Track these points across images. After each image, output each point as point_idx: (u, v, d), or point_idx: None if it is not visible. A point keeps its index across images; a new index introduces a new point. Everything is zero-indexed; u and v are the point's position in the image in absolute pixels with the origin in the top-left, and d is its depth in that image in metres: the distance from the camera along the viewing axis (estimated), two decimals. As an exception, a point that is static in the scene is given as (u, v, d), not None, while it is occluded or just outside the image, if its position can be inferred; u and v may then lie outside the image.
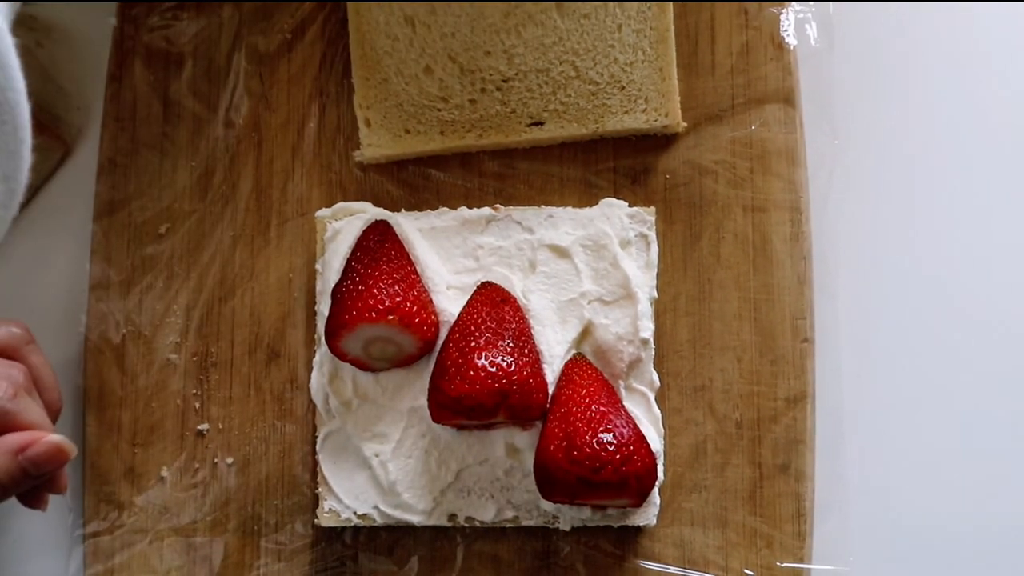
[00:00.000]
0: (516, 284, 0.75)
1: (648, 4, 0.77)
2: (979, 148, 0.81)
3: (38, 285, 0.85)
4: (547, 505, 0.72)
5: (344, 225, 0.76)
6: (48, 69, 0.85)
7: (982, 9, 0.82)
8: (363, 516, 0.75)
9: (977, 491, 0.78)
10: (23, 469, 0.65)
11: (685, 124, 0.79)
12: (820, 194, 0.79)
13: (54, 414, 0.72)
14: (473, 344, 0.69)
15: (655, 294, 0.75)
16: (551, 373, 0.73)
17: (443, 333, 0.74)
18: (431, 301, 0.74)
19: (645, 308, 0.74)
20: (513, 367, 0.69)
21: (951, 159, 0.81)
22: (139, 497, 0.80)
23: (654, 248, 0.75)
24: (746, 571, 0.75)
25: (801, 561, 0.75)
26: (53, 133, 0.84)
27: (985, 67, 0.82)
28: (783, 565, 0.75)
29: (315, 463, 0.77)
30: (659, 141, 0.79)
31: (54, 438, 0.66)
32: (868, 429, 0.78)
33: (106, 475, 0.80)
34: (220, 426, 0.80)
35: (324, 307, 0.75)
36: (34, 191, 0.85)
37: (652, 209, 0.76)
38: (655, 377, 0.74)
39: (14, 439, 0.65)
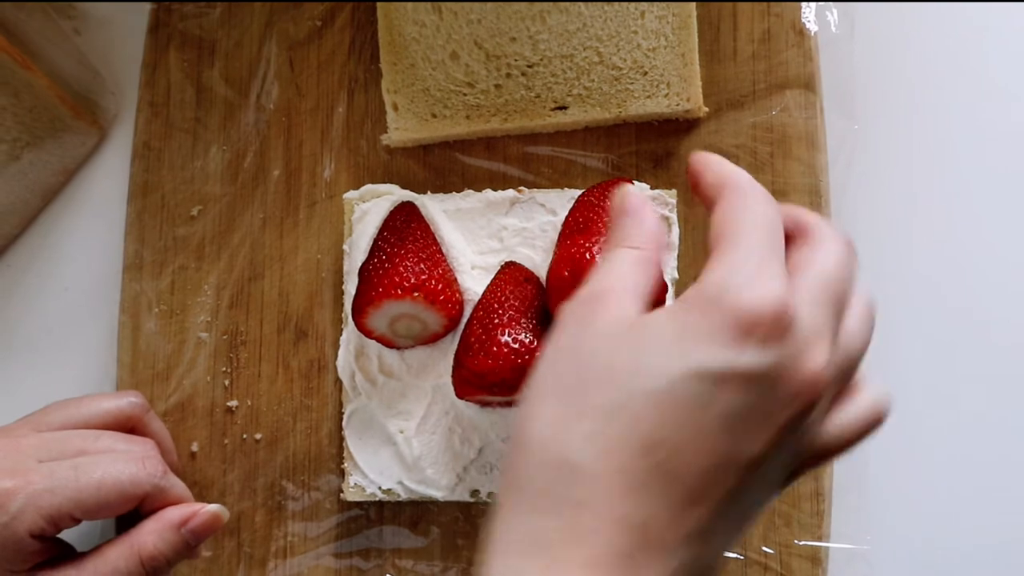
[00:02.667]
0: (539, 264, 0.76)
1: (671, -9, 0.79)
2: (999, 135, 0.81)
3: (74, 265, 0.87)
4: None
5: (371, 207, 0.78)
6: (86, 56, 0.87)
7: (1002, -4, 0.83)
8: (388, 491, 0.76)
9: (997, 472, 0.78)
10: (186, 541, 0.70)
11: (707, 109, 0.80)
12: (839, 179, 0.79)
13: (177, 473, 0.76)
14: (496, 321, 0.70)
15: (676, 275, 0.76)
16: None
17: (467, 312, 0.75)
18: (456, 280, 0.75)
19: (669, 291, 0.75)
20: (536, 344, 0.70)
21: (971, 145, 0.81)
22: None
23: (675, 230, 0.76)
24: (764, 548, 0.75)
25: (819, 540, 0.75)
26: (90, 118, 0.86)
27: (1006, 55, 0.83)
28: (801, 543, 0.75)
29: (341, 439, 0.78)
30: (681, 126, 0.80)
31: (212, 508, 0.71)
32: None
33: (138, 450, 0.82)
34: (249, 403, 0.82)
35: (351, 286, 0.76)
36: (70, 174, 0.88)
37: (673, 192, 0.77)
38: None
39: (176, 513, 0.70)
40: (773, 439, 0.48)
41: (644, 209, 0.56)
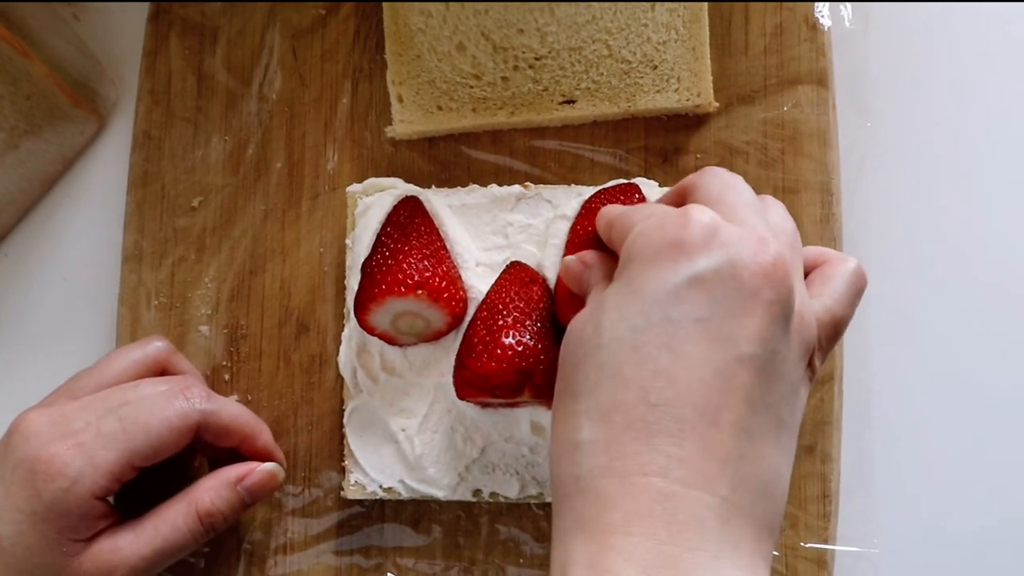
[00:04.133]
0: (544, 262, 0.75)
1: (682, -17, 0.77)
2: (1013, 133, 0.81)
3: (73, 255, 0.86)
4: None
5: (375, 200, 0.77)
6: (85, 43, 0.86)
7: (1020, -8, 0.82)
8: (389, 490, 0.76)
9: (1004, 474, 0.77)
10: (242, 499, 0.71)
11: (717, 104, 0.78)
12: (851, 176, 0.78)
13: None
14: (501, 323, 0.70)
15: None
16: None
17: (471, 310, 0.74)
18: (460, 277, 0.74)
19: None
20: (539, 347, 0.69)
21: (984, 143, 0.81)
22: (169, 466, 0.81)
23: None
24: (770, 552, 0.75)
25: (826, 542, 0.75)
26: (89, 106, 0.84)
27: (1021, 51, 0.81)
28: (808, 546, 0.75)
29: (342, 436, 0.77)
30: (691, 121, 0.79)
31: (267, 467, 0.72)
32: (895, 411, 0.78)
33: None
34: (249, 397, 0.81)
35: (354, 281, 0.75)
36: (69, 163, 0.86)
37: (682, 189, 0.76)
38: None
39: (232, 472, 0.71)
40: (762, 328, 0.50)
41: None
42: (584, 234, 0.71)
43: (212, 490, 0.69)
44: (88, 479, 0.64)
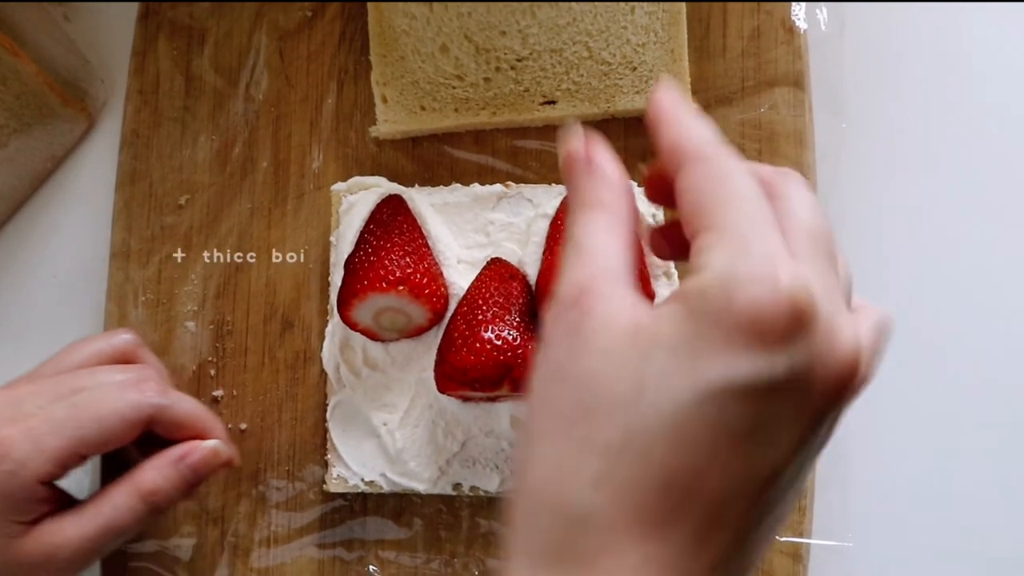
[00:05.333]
0: (525, 260, 0.76)
1: (661, -14, 0.79)
2: (987, 134, 0.82)
3: (61, 252, 0.87)
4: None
5: (359, 199, 0.78)
6: (75, 43, 0.87)
7: (992, -4, 0.83)
8: (370, 483, 0.77)
9: (979, 467, 0.78)
10: (184, 477, 0.70)
11: (696, 106, 0.79)
12: (827, 177, 0.80)
13: None
14: (480, 317, 0.71)
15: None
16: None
17: (452, 306, 0.75)
18: (441, 274, 0.75)
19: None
20: (519, 341, 0.70)
21: (959, 144, 0.82)
22: (154, 460, 0.82)
23: (662, 227, 0.77)
24: (745, 545, 0.76)
25: (801, 536, 0.76)
26: (78, 105, 0.85)
27: (994, 54, 0.83)
28: (783, 539, 0.76)
29: (325, 431, 0.78)
30: (669, 122, 0.80)
31: (209, 443, 0.71)
32: (869, 407, 0.78)
33: (123, 439, 0.82)
34: (235, 393, 0.82)
35: (337, 278, 0.76)
36: (59, 161, 0.87)
37: (661, 189, 0.77)
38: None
39: (174, 451, 0.70)
40: (802, 437, 0.42)
41: (599, 156, 0.49)
42: (563, 229, 0.72)
43: (154, 469, 0.69)
44: (33, 464, 0.64)
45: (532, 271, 0.75)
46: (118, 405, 0.67)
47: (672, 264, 0.75)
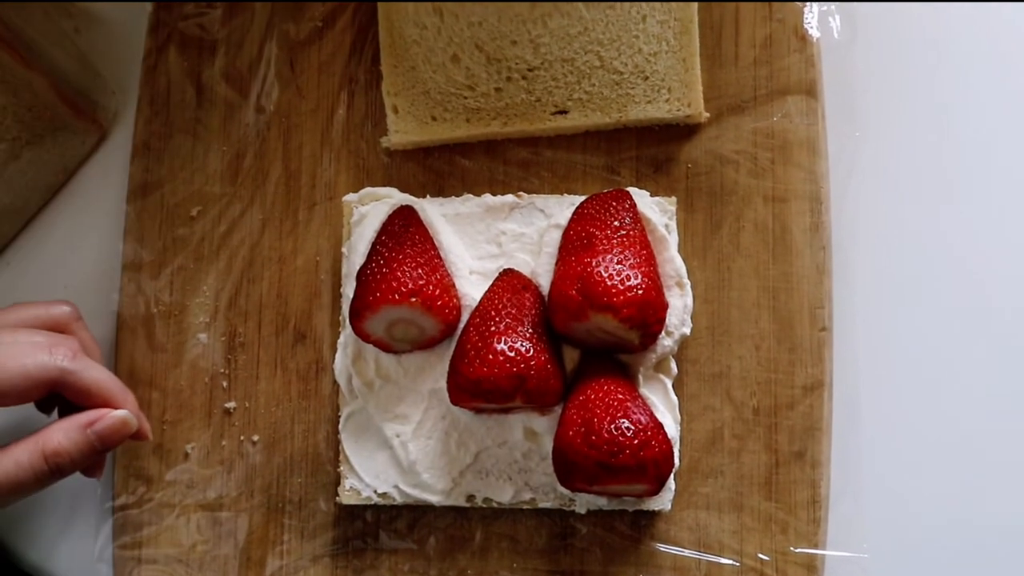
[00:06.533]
0: (537, 270, 0.76)
1: (672, -5, 0.78)
2: (999, 142, 0.81)
3: (73, 264, 0.87)
4: (564, 488, 0.73)
5: (370, 210, 0.78)
6: (86, 55, 0.87)
7: (1003, 4, 0.82)
8: (383, 495, 0.76)
9: (992, 479, 0.78)
10: (91, 443, 0.71)
11: (708, 114, 0.79)
12: (840, 185, 0.79)
13: None
14: (493, 329, 0.70)
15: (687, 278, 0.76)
16: (570, 361, 0.74)
17: (465, 317, 0.75)
18: (453, 285, 0.75)
19: (690, 301, 0.75)
20: (531, 352, 0.70)
21: (970, 151, 0.81)
22: (167, 472, 0.82)
23: (674, 237, 0.76)
24: (760, 555, 0.75)
25: (815, 547, 0.75)
26: (90, 117, 0.86)
27: (1006, 61, 0.82)
28: (797, 550, 0.75)
29: (338, 442, 0.78)
30: (682, 131, 0.80)
31: (119, 413, 0.72)
32: (884, 417, 0.79)
33: (136, 450, 0.82)
34: (247, 405, 0.82)
35: (349, 289, 0.76)
36: (71, 173, 0.88)
37: (673, 199, 0.77)
38: (673, 365, 0.75)
39: (83, 416, 0.71)
40: None
41: None
42: (576, 239, 0.72)
43: (61, 431, 0.70)
44: None
45: (545, 282, 0.74)
46: (24, 361, 0.69)
47: (684, 274, 0.74)
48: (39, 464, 0.69)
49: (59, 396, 0.73)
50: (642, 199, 0.75)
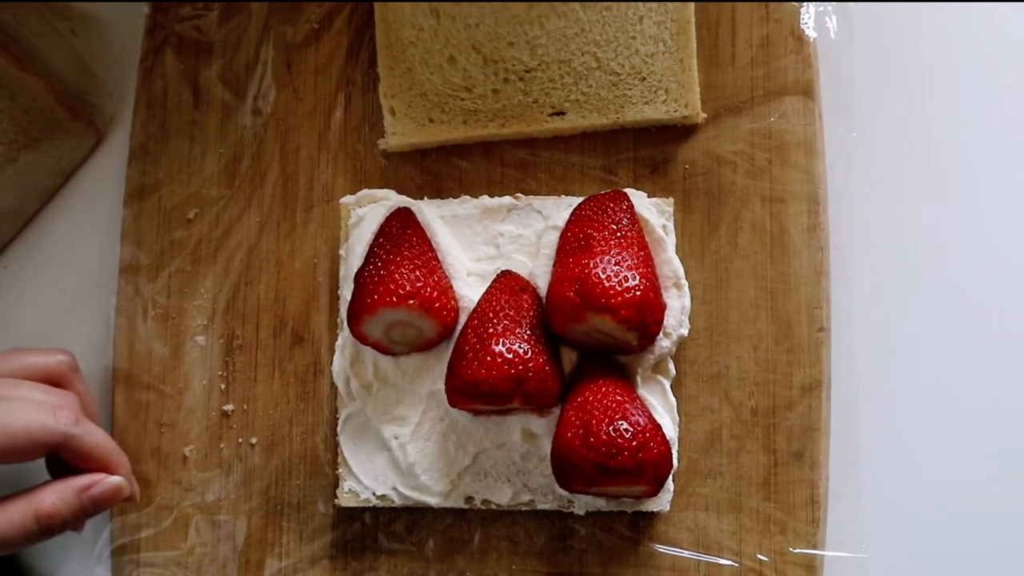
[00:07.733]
0: (534, 272, 0.76)
1: (669, -4, 0.78)
2: (995, 142, 0.81)
3: (70, 267, 0.87)
4: (562, 489, 0.73)
5: (368, 212, 0.78)
6: (82, 57, 0.87)
7: (1000, 4, 0.82)
8: (382, 497, 0.76)
9: (990, 479, 0.78)
10: (84, 507, 0.71)
11: (705, 115, 0.79)
12: (838, 185, 0.79)
13: None
14: (491, 331, 0.70)
15: (684, 280, 0.76)
16: (568, 362, 0.74)
17: (463, 319, 0.75)
18: (451, 287, 0.75)
19: (688, 302, 0.75)
20: (529, 354, 0.70)
21: (967, 152, 0.81)
22: (165, 475, 0.82)
23: (672, 238, 0.76)
24: (759, 556, 0.76)
25: (814, 547, 0.75)
26: (86, 120, 0.86)
27: (1002, 62, 0.82)
28: (796, 551, 0.75)
29: (336, 444, 0.78)
30: (679, 132, 0.80)
31: (114, 479, 0.73)
32: (882, 417, 0.79)
33: (134, 453, 0.82)
34: (245, 407, 0.82)
35: (347, 291, 0.76)
36: (67, 176, 0.87)
37: (671, 200, 0.77)
38: (671, 366, 0.75)
39: (79, 480, 0.72)
40: None
41: None
42: (574, 240, 0.72)
43: (56, 493, 0.70)
44: None
45: (543, 283, 0.74)
46: (29, 423, 0.69)
47: (682, 275, 0.74)
48: (31, 524, 0.69)
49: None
50: (639, 200, 0.75)
